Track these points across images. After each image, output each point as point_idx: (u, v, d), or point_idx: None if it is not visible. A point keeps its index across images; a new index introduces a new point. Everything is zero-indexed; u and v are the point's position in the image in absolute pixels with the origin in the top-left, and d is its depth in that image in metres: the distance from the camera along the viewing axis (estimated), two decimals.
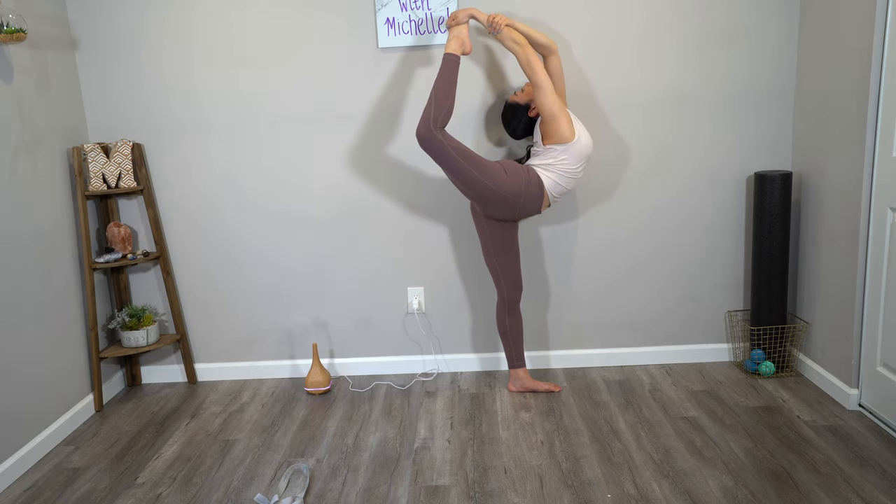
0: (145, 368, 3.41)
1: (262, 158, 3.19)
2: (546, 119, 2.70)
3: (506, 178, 2.69)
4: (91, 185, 3.05)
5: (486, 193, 2.70)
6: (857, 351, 2.71)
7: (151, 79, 3.12)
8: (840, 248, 2.77)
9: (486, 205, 2.76)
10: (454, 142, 2.66)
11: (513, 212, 2.77)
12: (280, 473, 2.50)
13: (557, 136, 2.70)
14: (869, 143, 2.56)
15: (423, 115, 2.64)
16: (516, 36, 2.69)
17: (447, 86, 2.67)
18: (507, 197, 2.70)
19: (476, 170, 2.66)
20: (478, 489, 2.32)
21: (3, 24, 2.56)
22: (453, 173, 2.69)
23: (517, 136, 2.94)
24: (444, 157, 2.65)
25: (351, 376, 3.37)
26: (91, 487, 2.46)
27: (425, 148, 2.65)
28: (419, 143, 2.65)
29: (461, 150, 2.66)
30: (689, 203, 3.18)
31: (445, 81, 2.67)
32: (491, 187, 2.68)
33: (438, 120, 2.62)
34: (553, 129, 2.70)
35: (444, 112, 2.64)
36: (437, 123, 2.62)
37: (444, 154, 2.64)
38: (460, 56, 2.73)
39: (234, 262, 3.30)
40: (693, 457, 2.45)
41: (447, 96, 2.66)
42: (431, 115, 2.62)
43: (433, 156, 2.67)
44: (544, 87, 2.66)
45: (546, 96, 2.66)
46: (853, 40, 2.61)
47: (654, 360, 3.32)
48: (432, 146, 2.64)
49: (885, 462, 2.35)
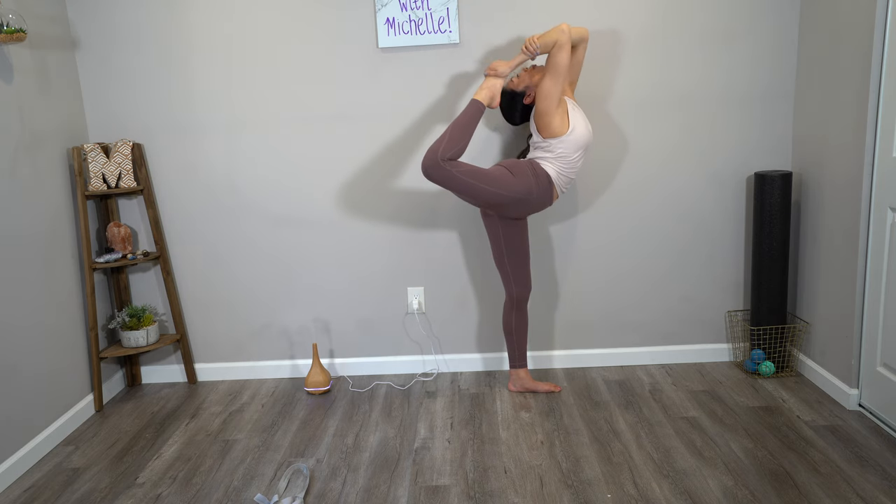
0: (145, 368, 3.41)
1: (263, 158, 3.19)
2: (539, 112, 2.69)
3: (514, 181, 2.69)
4: (91, 185, 3.05)
5: (498, 200, 2.69)
6: (857, 351, 2.71)
7: (151, 79, 3.12)
8: (840, 249, 2.77)
9: (500, 208, 2.76)
10: (461, 166, 2.62)
11: (528, 207, 2.77)
12: (280, 473, 2.50)
13: (551, 129, 2.70)
14: (869, 143, 2.56)
15: (432, 147, 2.60)
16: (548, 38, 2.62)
17: (465, 129, 2.64)
18: (519, 197, 2.70)
19: (484, 184, 2.64)
20: (478, 489, 2.32)
21: (3, 24, 2.56)
22: (463, 194, 2.67)
23: (515, 123, 2.93)
24: (452, 184, 2.62)
25: (351, 376, 3.37)
26: (91, 487, 2.46)
27: (432, 179, 2.61)
28: (424, 174, 2.61)
29: (467, 171, 2.62)
30: (689, 203, 3.18)
31: (464, 124, 2.64)
32: (502, 194, 2.67)
33: (447, 155, 2.59)
34: (546, 123, 2.69)
35: (455, 151, 2.61)
36: (445, 157, 2.58)
37: (451, 181, 2.61)
38: (486, 107, 2.71)
39: (234, 262, 3.30)
40: (693, 457, 2.45)
41: (462, 138, 2.63)
42: (440, 150, 2.58)
43: (441, 184, 2.63)
44: (559, 73, 2.61)
45: (554, 85, 2.62)
46: (853, 40, 2.61)
47: (654, 360, 3.32)
48: (439, 176, 2.60)
49: (885, 462, 2.35)
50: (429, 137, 3.13)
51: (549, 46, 2.61)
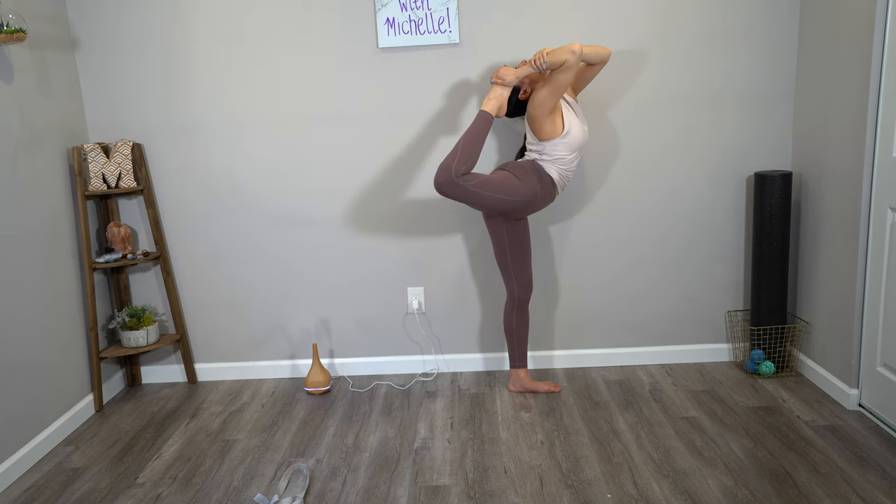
0: (145, 368, 3.41)
1: (263, 158, 3.19)
2: (530, 117, 2.69)
3: (520, 185, 2.70)
4: (91, 185, 3.05)
5: (507, 206, 2.72)
6: (857, 351, 2.71)
7: (151, 79, 3.12)
8: (840, 248, 2.77)
9: (507, 213, 2.78)
10: (474, 179, 2.63)
11: (533, 208, 2.79)
12: (280, 473, 2.50)
13: (545, 133, 2.71)
14: (869, 143, 2.56)
15: (444, 164, 2.60)
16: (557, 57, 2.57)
17: (475, 142, 2.66)
18: (526, 200, 2.72)
19: (494, 193, 2.66)
20: (478, 489, 2.32)
21: (3, 24, 2.56)
22: (476, 205, 2.68)
23: (509, 115, 2.89)
24: (465, 197, 2.64)
25: (351, 376, 3.37)
26: (91, 487, 2.46)
27: (445, 195, 2.62)
28: (438, 191, 2.62)
29: (479, 184, 2.63)
30: (688, 203, 3.18)
31: (474, 137, 2.66)
32: (511, 199, 2.70)
33: (461, 171, 2.60)
34: (539, 128, 2.70)
35: (467, 166, 2.62)
36: (459, 173, 2.60)
37: (464, 195, 2.63)
38: (494, 117, 2.72)
39: (235, 263, 3.30)
40: (693, 457, 2.45)
41: (473, 152, 2.64)
42: (454, 167, 2.59)
43: (453, 199, 2.64)
44: (557, 90, 2.60)
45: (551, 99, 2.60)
46: (853, 40, 2.61)
47: (654, 360, 3.32)
48: (452, 192, 2.61)
49: (885, 462, 2.35)
50: (429, 138, 3.13)
51: (557, 66, 2.57)
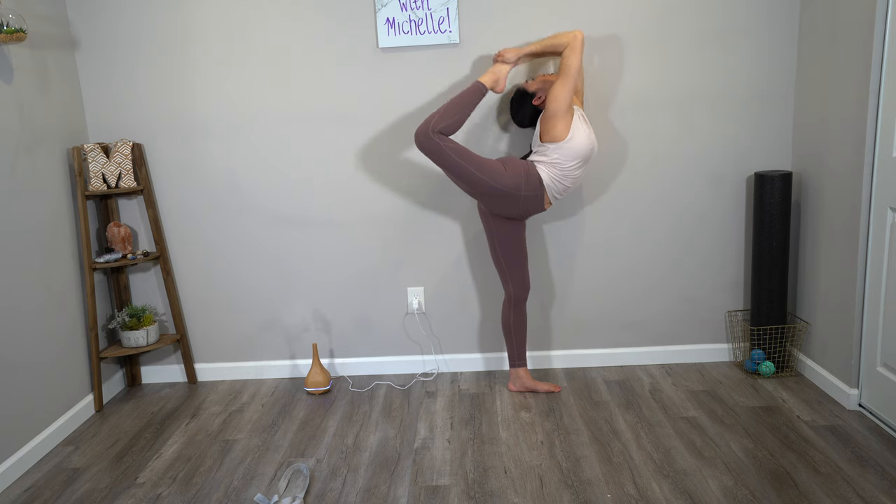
0: (145, 368, 3.41)
1: (262, 158, 3.19)
2: (547, 115, 2.72)
3: (505, 174, 2.72)
4: (91, 185, 3.05)
5: (486, 189, 2.72)
6: (857, 351, 2.71)
7: (151, 79, 3.12)
8: (840, 248, 2.77)
9: (489, 201, 2.77)
10: (452, 143, 2.69)
11: (517, 206, 2.78)
12: (280, 473, 2.50)
13: (551, 134, 2.72)
14: (869, 143, 2.56)
15: (426, 119, 2.69)
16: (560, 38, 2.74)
17: (462, 106, 2.71)
18: (507, 191, 2.73)
19: (475, 168, 2.69)
20: (478, 489, 2.32)
21: (3, 24, 2.56)
22: (453, 173, 2.72)
23: (524, 125, 2.96)
24: (442, 158, 2.69)
25: (351, 376, 3.37)
26: (91, 487, 2.47)
27: (422, 149, 2.69)
28: (416, 143, 2.69)
29: (459, 151, 2.69)
30: (688, 203, 3.18)
31: (462, 102, 2.71)
32: (490, 183, 2.70)
33: (438, 127, 2.66)
34: (549, 127, 2.72)
35: (448, 124, 2.67)
36: (437, 129, 2.66)
37: (441, 155, 2.68)
38: (488, 90, 2.77)
39: (234, 262, 3.30)
40: (693, 457, 2.45)
41: (456, 113, 2.69)
42: (433, 121, 2.67)
43: (431, 157, 2.70)
44: (570, 76, 2.68)
45: (564, 89, 2.68)
46: (853, 40, 2.61)
47: (654, 360, 3.32)
48: (429, 147, 2.68)
49: (885, 462, 2.35)
50: None
51: (560, 47, 2.71)
